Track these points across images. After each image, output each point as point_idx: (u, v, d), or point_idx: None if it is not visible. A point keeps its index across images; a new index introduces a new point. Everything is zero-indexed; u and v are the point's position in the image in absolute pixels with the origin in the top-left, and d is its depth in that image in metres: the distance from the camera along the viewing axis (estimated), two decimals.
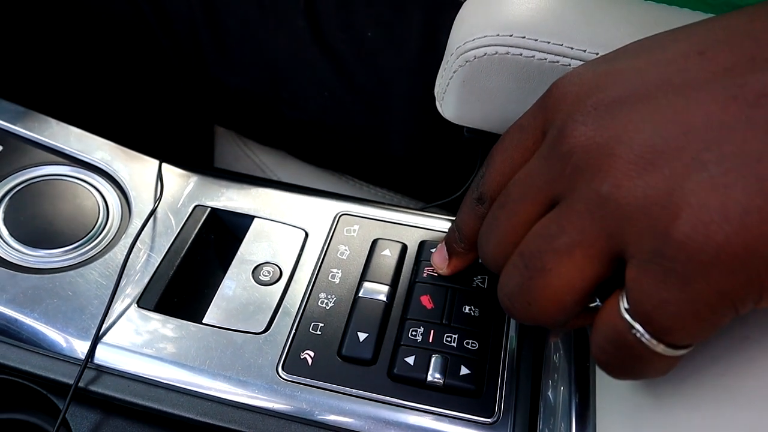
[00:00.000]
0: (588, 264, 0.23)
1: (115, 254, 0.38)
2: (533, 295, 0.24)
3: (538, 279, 0.24)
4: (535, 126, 0.26)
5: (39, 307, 0.35)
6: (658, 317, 0.21)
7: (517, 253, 0.25)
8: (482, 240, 0.28)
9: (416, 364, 0.33)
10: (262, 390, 0.33)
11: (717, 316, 0.20)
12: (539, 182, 0.25)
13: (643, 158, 0.21)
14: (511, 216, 0.26)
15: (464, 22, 0.35)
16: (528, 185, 0.25)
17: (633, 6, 0.35)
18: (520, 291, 0.25)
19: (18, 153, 0.42)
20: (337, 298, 0.36)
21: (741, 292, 0.20)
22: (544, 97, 0.26)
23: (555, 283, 0.23)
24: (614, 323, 0.22)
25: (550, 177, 0.24)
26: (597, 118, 0.23)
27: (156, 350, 0.34)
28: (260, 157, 0.60)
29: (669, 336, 0.21)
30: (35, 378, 0.34)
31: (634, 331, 0.22)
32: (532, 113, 0.27)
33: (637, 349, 0.22)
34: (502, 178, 0.28)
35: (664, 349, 0.21)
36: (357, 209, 0.41)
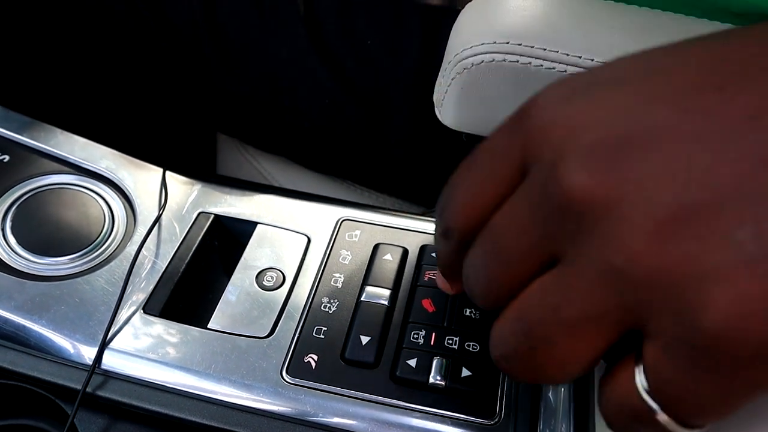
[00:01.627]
0: (598, 337, 0.20)
1: (120, 261, 0.39)
2: (535, 364, 0.22)
3: (542, 350, 0.21)
4: (511, 154, 0.22)
5: (47, 314, 0.36)
6: (683, 405, 0.19)
7: (515, 317, 0.22)
8: (469, 280, 0.25)
9: (418, 367, 0.34)
10: (266, 393, 0.33)
11: (745, 401, 0.19)
12: (533, 234, 0.21)
13: (663, 227, 0.18)
14: (502, 265, 0.22)
15: (462, 30, 0.36)
16: (520, 234, 0.22)
17: (628, 12, 0.36)
18: (520, 358, 0.22)
19: (24, 162, 0.42)
20: (339, 302, 0.37)
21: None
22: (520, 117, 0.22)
23: (561, 354, 0.21)
24: (630, 399, 0.20)
25: (546, 230, 0.21)
26: (598, 164, 0.19)
27: (162, 355, 0.35)
28: (262, 164, 0.61)
29: (690, 420, 0.19)
30: (44, 384, 0.35)
31: (652, 412, 0.20)
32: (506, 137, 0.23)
33: (654, 426, 0.20)
34: (472, 212, 0.24)
35: (680, 429, 0.20)
36: (358, 214, 0.42)
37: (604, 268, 0.19)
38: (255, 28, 0.50)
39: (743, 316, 0.17)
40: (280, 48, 0.50)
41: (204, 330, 0.36)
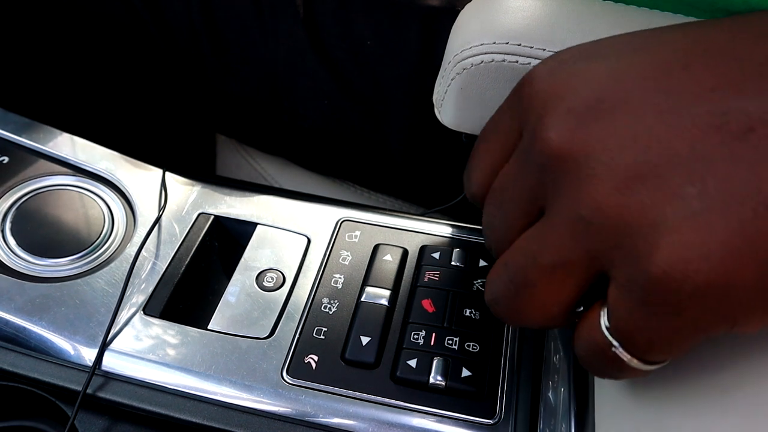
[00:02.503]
0: (571, 281, 0.23)
1: (120, 262, 0.39)
2: (519, 306, 0.25)
3: (522, 292, 0.24)
4: (510, 124, 0.26)
5: (47, 316, 0.36)
6: (636, 340, 0.21)
7: (502, 263, 0.25)
8: (486, 236, 0.28)
9: (418, 367, 0.34)
10: (267, 394, 0.33)
11: (692, 339, 0.21)
12: (519, 190, 0.24)
13: (624, 181, 0.21)
14: (502, 218, 0.26)
15: (461, 31, 0.36)
16: (510, 191, 0.25)
17: (628, 12, 0.36)
18: (506, 301, 0.25)
19: (24, 164, 0.42)
20: (339, 302, 0.37)
21: (715, 324, 0.20)
22: (516, 90, 0.26)
23: (539, 297, 0.24)
24: (595, 337, 0.23)
25: (528, 185, 0.24)
26: (572, 126, 0.22)
27: (162, 356, 0.35)
28: (261, 165, 0.61)
29: (645, 355, 0.22)
30: (44, 385, 0.35)
31: (612, 348, 0.22)
32: (506, 109, 0.26)
33: (616, 361, 0.23)
34: (485, 179, 0.28)
35: (639, 364, 0.22)
36: (358, 215, 0.42)
37: (573, 218, 0.22)
38: (254, 30, 0.50)
39: (684, 260, 0.19)
40: (279, 49, 0.50)
41: (204, 331, 0.36)
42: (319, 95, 0.50)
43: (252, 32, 0.50)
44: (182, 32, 0.52)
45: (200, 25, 0.51)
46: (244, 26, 0.50)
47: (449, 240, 0.40)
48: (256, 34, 0.50)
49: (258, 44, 0.50)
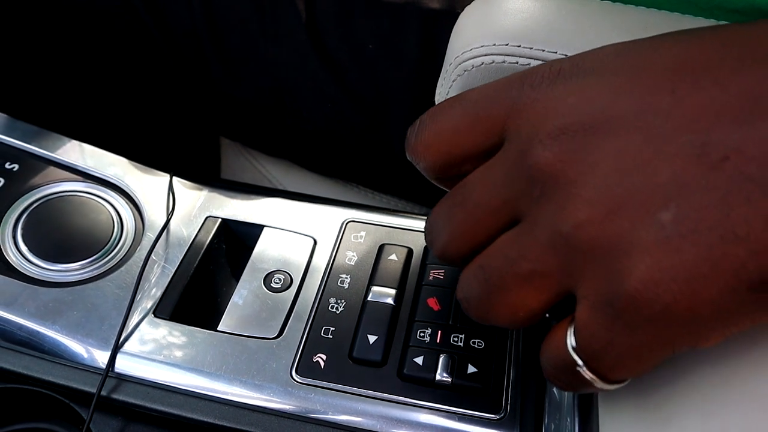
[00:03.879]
0: (543, 291, 0.24)
1: (130, 266, 0.40)
2: (490, 307, 0.26)
3: (496, 294, 0.25)
4: (495, 116, 0.26)
5: (60, 320, 0.37)
6: (602, 358, 0.23)
7: (479, 264, 0.26)
8: (435, 231, 0.29)
9: (425, 364, 0.34)
10: (277, 393, 0.34)
11: (656, 358, 0.22)
12: (504, 195, 0.25)
13: (605, 205, 0.22)
14: (470, 219, 0.26)
15: (461, 33, 0.37)
16: (492, 194, 0.25)
17: (626, 12, 0.36)
18: (479, 300, 0.26)
19: (33, 171, 0.43)
20: (346, 302, 0.38)
21: (679, 342, 0.21)
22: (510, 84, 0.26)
23: (511, 301, 0.25)
24: (560, 353, 0.24)
25: (514, 194, 0.24)
26: (565, 146, 0.23)
27: (173, 358, 0.35)
28: (266, 167, 0.61)
29: (609, 374, 0.23)
30: (58, 388, 0.35)
31: (576, 366, 0.23)
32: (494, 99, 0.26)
33: (579, 379, 0.24)
34: (444, 149, 0.27)
35: (602, 384, 0.24)
36: (363, 216, 0.42)
37: (554, 233, 0.23)
38: (256, 34, 0.50)
39: (656, 281, 0.20)
40: (281, 53, 0.50)
41: (214, 332, 0.37)
42: (322, 98, 0.51)
43: (254, 36, 0.51)
44: (185, 36, 0.52)
45: (203, 29, 0.51)
46: (247, 30, 0.51)
47: None
48: (258, 37, 0.51)
49: (261, 48, 0.51)
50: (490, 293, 0.26)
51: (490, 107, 0.26)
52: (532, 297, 0.25)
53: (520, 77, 0.26)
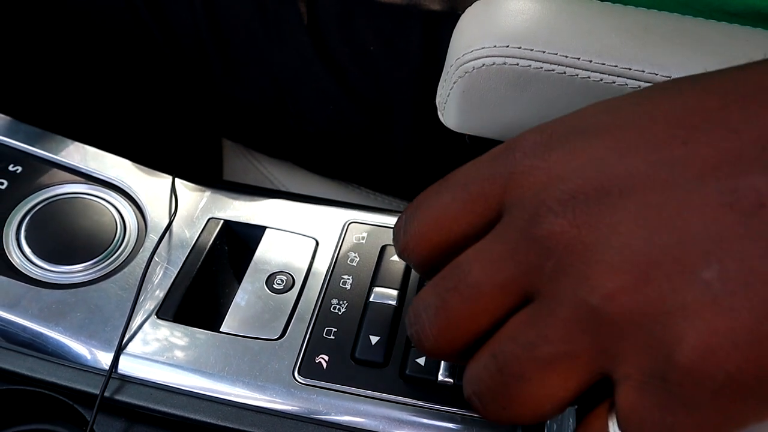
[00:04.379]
0: (573, 376, 0.21)
1: (133, 268, 0.40)
2: (508, 401, 0.22)
3: (514, 386, 0.22)
4: (489, 193, 0.23)
5: (63, 321, 0.37)
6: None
7: (489, 353, 0.23)
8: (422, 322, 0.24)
9: (427, 365, 0.35)
10: (279, 394, 0.34)
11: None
12: (509, 272, 0.22)
13: (637, 268, 0.19)
14: (469, 302, 0.23)
15: (462, 35, 0.37)
16: (494, 271, 0.22)
17: (624, 13, 0.37)
18: (493, 395, 0.23)
19: (36, 173, 0.43)
20: (348, 303, 0.38)
21: (749, 415, 0.19)
22: (501, 158, 0.23)
23: (534, 392, 0.22)
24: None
25: (522, 269, 0.22)
26: (578, 210, 0.21)
27: (176, 359, 0.36)
28: (268, 169, 0.61)
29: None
30: (62, 389, 0.36)
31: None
32: (485, 175, 0.24)
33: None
34: (437, 239, 0.25)
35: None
36: (365, 217, 0.43)
37: (580, 307, 0.20)
38: (259, 37, 0.51)
39: (713, 349, 0.18)
40: (283, 56, 0.51)
41: (217, 333, 0.37)
42: (324, 100, 0.51)
43: (256, 37, 0.51)
44: (187, 37, 0.53)
45: (205, 29, 0.52)
46: (248, 31, 0.51)
47: None
48: (260, 39, 0.51)
49: (263, 50, 0.51)
50: (507, 385, 0.22)
51: (482, 185, 0.24)
52: (559, 385, 0.21)
53: (508, 147, 0.24)
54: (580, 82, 0.34)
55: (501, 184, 0.23)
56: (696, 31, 0.36)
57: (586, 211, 0.21)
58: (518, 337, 0.22)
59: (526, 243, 0.22)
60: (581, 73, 0.33)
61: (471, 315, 0.23)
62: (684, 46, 0.34)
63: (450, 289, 0.23)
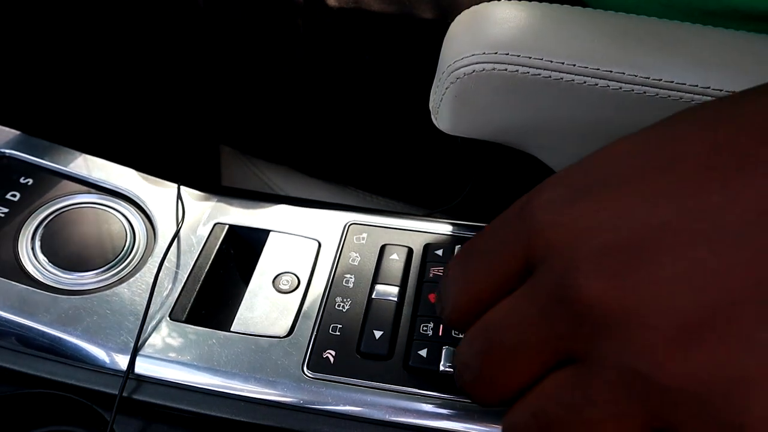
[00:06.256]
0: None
1: (144, 273, 0.41)
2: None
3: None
4: (512, 252, 0.22)
5: (80, 326, 0.38)
6: None
7: (528, 411, 0.22)
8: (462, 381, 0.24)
9: (429, 356, 0.36)
10: (290, 388, 0.36)
11: None
12: (543, 334, 0.21)
13: (685, 332, 0.18)
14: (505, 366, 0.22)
15: (453, 42, 0.39)
16: (528, 334, 0.21)
17: (607, 18, 0.39)
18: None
19: (47, 185, 0.45)
20: (352, 300, 0.40)
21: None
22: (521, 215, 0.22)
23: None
24: None
25: (557, 332, 0.20)
26: (611, 270, 0.19)
27: (190, 358, 0.37)
28: (266, 174, 0.63)
29: None
30: (81, 391, 0.37)
31: None
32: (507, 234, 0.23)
33: None
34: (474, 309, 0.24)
35: None
36: (365, 218, 0.44)
37: (628, 373, 0.19)
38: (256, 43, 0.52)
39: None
40: (281, 63, 0.52)
41: (227, 333, 0.38)
42: (321, 106, 0.53)
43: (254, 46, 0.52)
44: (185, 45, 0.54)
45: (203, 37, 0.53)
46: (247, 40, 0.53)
47: (451, 237, 0.43)
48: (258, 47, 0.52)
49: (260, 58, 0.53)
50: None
51: (504, 251, 0.23)
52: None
53: (524, 205, 0.22)
54: (565, 84, 0.36)
55: (523, 244, 0.22)
56: (673, 33, 0.38)
57: (620, 269, 0.19)
58: (561, 398, 0.21)
59: (559, 306, 0.20)
60: (565, 76, 0.35)
61: (508, 377, 0.22)
62: (662, 48, 0.36)
63: (485, 352, 0.23)
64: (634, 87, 0.35)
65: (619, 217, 0.20)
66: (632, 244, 0.19)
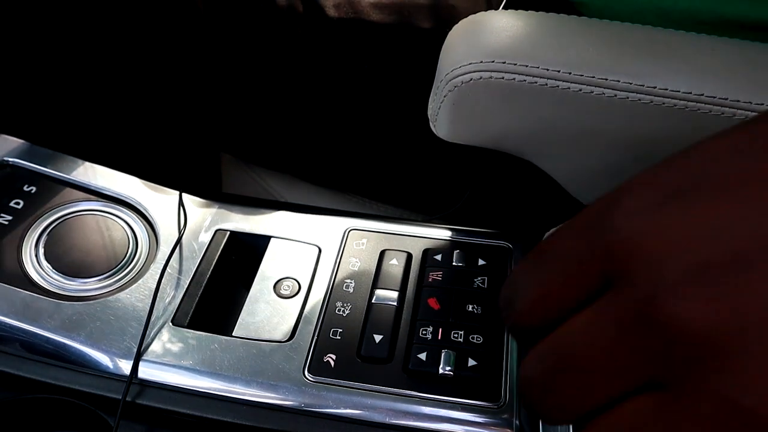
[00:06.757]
0: None
1: (146, 279, 0.42)
2: None
3: None
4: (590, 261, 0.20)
5: (84, 331, 0.39)
6: None
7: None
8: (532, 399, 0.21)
9: (428, 360, 0.37)
10: (291, 392, 0.36)
11: None
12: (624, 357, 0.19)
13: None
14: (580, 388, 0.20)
15: (451, 51, 0.39)
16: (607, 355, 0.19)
17: (602, 27, 0.39)
18: None
19: (50, 192, 0.46)
20: (352, 305, 0.40)
21: None
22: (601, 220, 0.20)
23: None
24: None
25: (642, 356, 0.19)
26: (713, 291, 0.17)
27: (193, 362, 0.38)
28: (267, 181, 0.64)
29: None
30: (85, 395, 0.38)
31: None
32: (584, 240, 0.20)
33: None
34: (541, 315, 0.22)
35: None
36: (364, 224, 0.45)
37: (727, 407, 0.17)
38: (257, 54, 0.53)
39: None
40: (281, 72, 0.53)
41: (229, 338, 0.39)
42: (321, 114, 0.54)
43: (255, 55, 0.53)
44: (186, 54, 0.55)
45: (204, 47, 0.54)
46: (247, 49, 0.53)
47: (449, 243, 0.44)
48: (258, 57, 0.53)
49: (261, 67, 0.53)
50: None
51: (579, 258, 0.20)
52: None
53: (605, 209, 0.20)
54: (561, 92, 0.36)
55: (603, 252, 0.20)
56: (667, 41, 0.38)
57: (720, 291, 0.17)
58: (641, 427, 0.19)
59: (645, 328, 0.18)
60: (561, 84, 0.36)
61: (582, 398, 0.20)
62: (656, 56, 0.37)
63: (558, 371, 0.20)
64: (629, 95, 0.36)
65: (719, 229, 0.18)
66: (734, 261, 0.17)
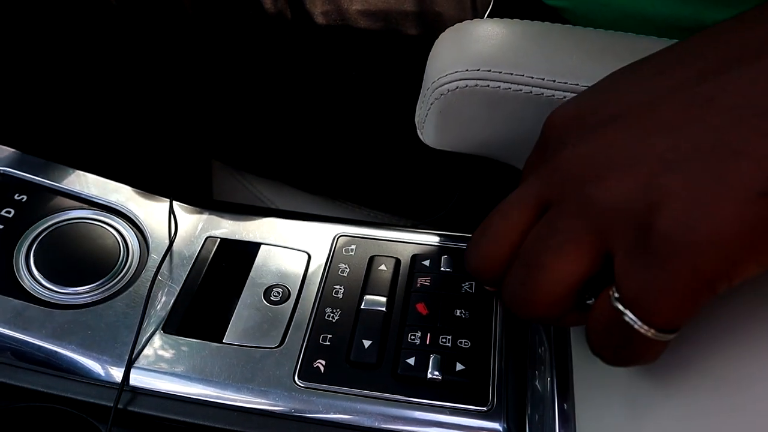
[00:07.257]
0: (579, 258, 0.25)
1: (137, 287, 0.42)
2: (532, 290, 0.27)
3: (535, 275, 0.26)
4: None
5: (75, 339, 0.39)
6: (644, 300, 0.23)
7: (519, 255, 0.28)
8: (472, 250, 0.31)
9: (417, 365, 0.37)
10: (281, 398, 0.37)
11: (695, 294, 0.23)
12: (531, 192, 0.28)
13: (621, 165, 0.24)
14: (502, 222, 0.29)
15: (437, 59, 0.40)
16: (521, 196, 0.28)
17: (586, 35, 0.40)
18: (522, 288, 0.27)
19: (41, 201, 0.46)
20: (341, 311, 0.41)
21: (714, 273, 0.22)
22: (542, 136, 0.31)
23: (550, 277, 0.26)
24: (607, 312, 0.25)
25: (541, 188, 0.27)
26: (583, 138, 0.26)
27: (184, 369, 0.38)
28: (257, 188, 0.64)
29: (655, 317, 0.23)
30: (77, 403, 0.38)
31: (625, 318, 0.24)
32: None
33: (629, 335, 0.24)
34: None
35: (653, 333, 0.24)
36: (353, 230, 0.46)
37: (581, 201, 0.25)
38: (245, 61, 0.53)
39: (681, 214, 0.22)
40: (269, 80, 0.53)
41: (220, 344, 0.39)
42: (309, 121, 0.54)
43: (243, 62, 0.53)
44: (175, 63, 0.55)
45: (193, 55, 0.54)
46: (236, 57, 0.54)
47: (437, 248, 0.44)
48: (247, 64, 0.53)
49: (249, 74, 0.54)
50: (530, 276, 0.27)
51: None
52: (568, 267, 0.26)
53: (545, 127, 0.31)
54: (545, 100, 0.37)
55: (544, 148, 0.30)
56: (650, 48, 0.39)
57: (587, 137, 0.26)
58: (537, 235, 0.27)
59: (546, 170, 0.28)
60: (545, 92, 0.37)
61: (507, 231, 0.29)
62: None
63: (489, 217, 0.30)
64: None
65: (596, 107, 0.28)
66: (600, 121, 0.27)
